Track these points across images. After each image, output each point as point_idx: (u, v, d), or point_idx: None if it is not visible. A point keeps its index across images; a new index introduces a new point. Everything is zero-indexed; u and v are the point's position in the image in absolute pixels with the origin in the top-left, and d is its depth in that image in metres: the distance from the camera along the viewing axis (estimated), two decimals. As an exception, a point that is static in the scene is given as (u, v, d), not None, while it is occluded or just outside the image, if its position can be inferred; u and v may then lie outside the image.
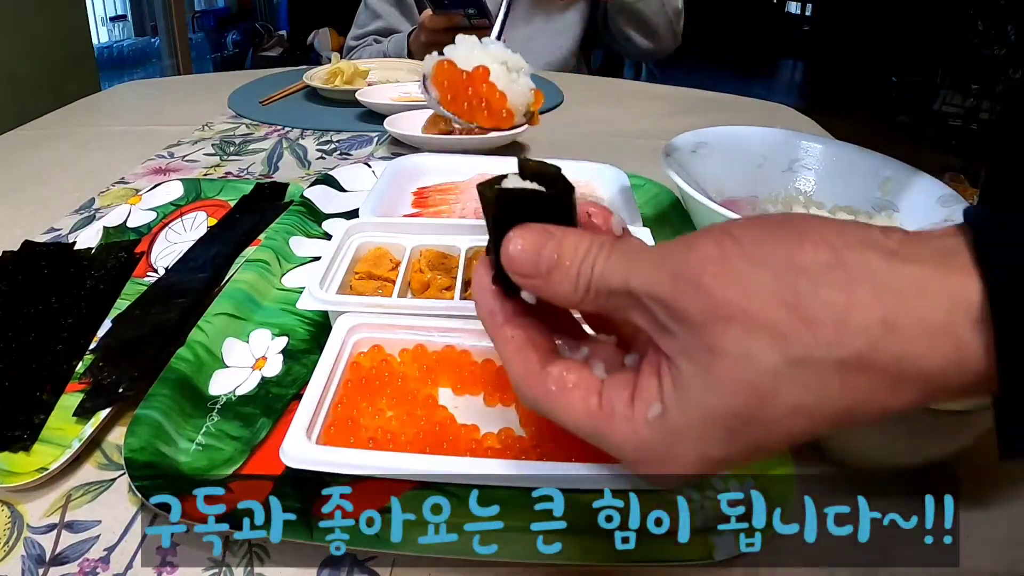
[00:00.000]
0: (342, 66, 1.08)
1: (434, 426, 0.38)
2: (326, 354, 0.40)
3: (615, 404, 0.25)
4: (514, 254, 0.25)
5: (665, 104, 1.09)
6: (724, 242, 0.22)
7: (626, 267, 0.24)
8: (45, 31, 1.73)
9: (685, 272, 0.22)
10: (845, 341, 0.20)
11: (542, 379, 0.26)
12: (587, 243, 0.25)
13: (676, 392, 0.23)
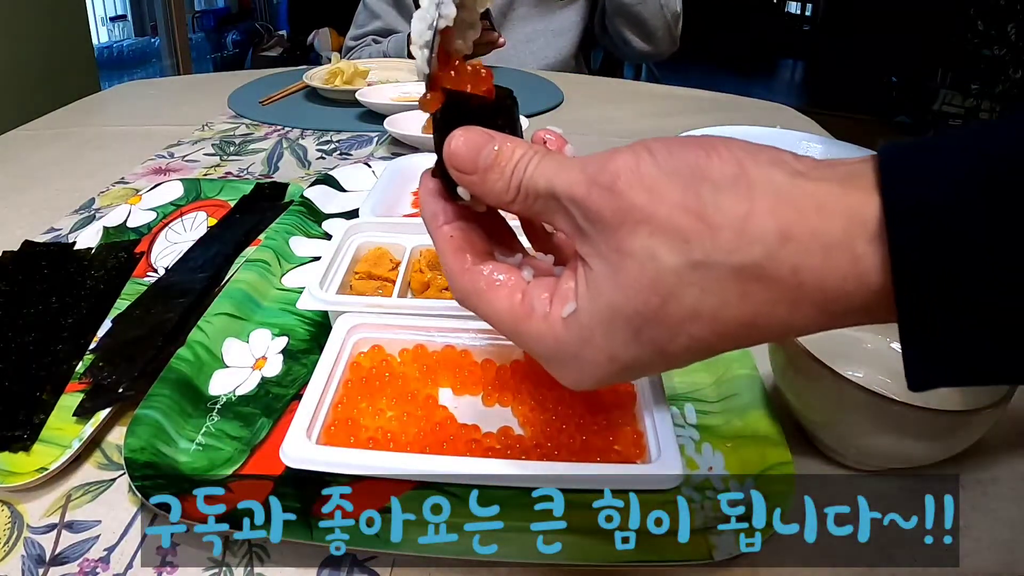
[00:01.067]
0: (342, 66, 1.08)
1: (434, 426, 0.38)
2: (326, 354, 0.40)
3: (535, 303, 0.26)
4: (455, 149, 0.26)
5: (665, 104, 1.09)
6: (640, 153, 0.23)
7: (553, 171, 0.25)
8: (45, 31, 1.73)
9: (602, 177, 0.23)
10: (743, 248, 0.21)
11: (473, 275, 0.27)
12: (524, 148, 0.26)
13: (588, 291, 0.24)
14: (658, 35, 1.28)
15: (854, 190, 0.21)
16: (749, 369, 0.42)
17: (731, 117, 0.93)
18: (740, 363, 0.42)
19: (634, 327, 0.24)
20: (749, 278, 0.22)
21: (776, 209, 0.21)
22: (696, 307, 0.22)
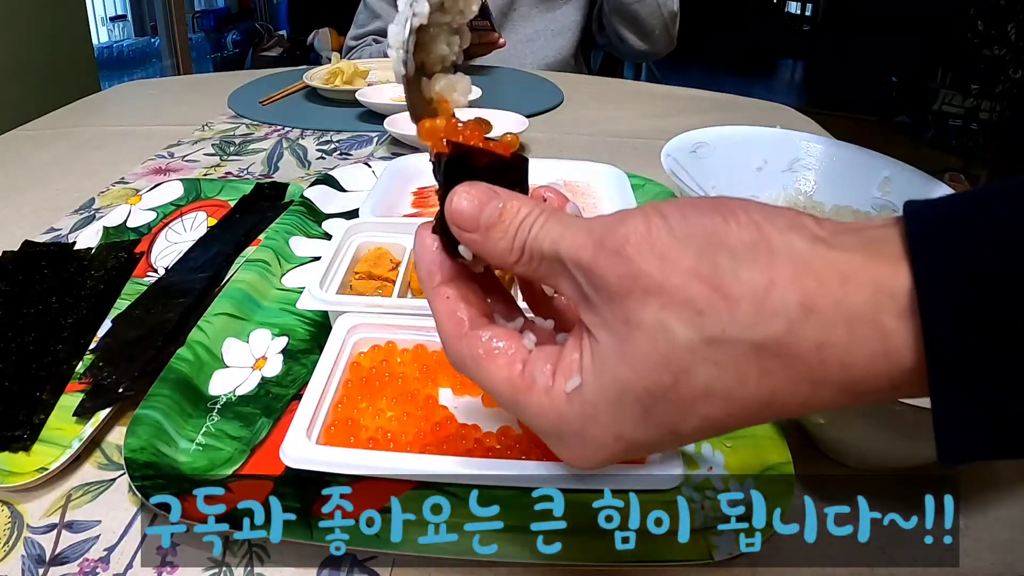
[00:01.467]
0: (342, 66, 1.08)
1: (434, 426, 0.37)
2: (326, 354, 0.40)
3: (536, 374, 0.25)
4: (458, 206, 0.25)
5: (665, 104, 1.09)
6: (652, 217, 0.22)
7: (559, 232, 0.24)
8: (45, 31, 1.73)
9: (610, 241, 0.22)
10: (763, 322, 0.20)
11: (470, 340, 0.26)
12: (529, 207, 0.25)
13: (594, 365, 0.23)
14: (655, 34, 1.28)
15: (880, 259, 0.19)
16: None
17: (731, 117, 0.93)
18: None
19: (643, 406, 0.22)
20: (769, 354, 0.20)
21: (798, 279, 0.20)
22: (710, 385, 0.21)
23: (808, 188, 0.65)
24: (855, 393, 0.20)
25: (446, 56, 0.31)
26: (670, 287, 0.21)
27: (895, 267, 0.19)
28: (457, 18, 0.31)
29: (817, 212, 0.60)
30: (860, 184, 0.62)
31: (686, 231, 0.21)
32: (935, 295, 0.18)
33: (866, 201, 0.61)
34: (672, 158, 0.60)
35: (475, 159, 0.27)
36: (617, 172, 0.66)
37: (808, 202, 0.62)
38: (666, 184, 0.68)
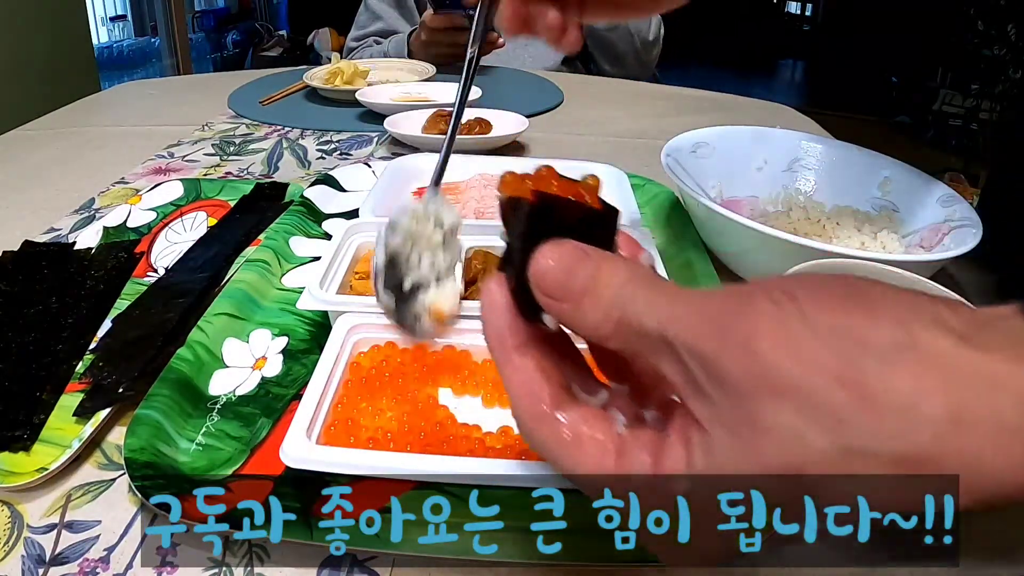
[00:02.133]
0: (342, 66, 1.08)
1: (434, 426, 0.37)
2: (326, 354, 0.40)
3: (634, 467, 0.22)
4: (546, 270, 0.22)
5: (665, 104, 1.09)
6: (784, 304, 0.19)
7: (667, 308, 0.21)
8: (45, 31, 1.73)
9: (735, 330, 0.19)
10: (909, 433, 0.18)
11: (553, 424, 0.23)
12: (626, 272, 0.22)
13: (707, 467, 0.21)
14: (627, 60, 1.30)
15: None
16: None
17: (731, 117, 0.93)
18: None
19: None
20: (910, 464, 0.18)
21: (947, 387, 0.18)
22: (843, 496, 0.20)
23: (808, 188, 0.65)
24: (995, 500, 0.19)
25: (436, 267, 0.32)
26: (808, 390, 0.18)
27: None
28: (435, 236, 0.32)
29: (817, 212, 0.60)
30: (860, 184, 0.62)
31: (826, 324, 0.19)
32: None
33: (866, 201, 0.61)
34: (672, 158, 0.60)
35: (564, 212, 0.24)
36: (617, 172, 0.66)
37: (808, 202, 0.62)
38: (666, 184, 0.68)
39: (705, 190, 0.63)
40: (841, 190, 0.62)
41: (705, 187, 0.63)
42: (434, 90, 1.03)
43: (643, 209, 0.63)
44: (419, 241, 0.33)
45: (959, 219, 0.52)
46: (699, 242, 0.57)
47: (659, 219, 0.64)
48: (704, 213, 0.53)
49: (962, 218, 0.52)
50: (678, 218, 0.62)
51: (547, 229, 0.23)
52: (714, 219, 0.52)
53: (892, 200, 0.60)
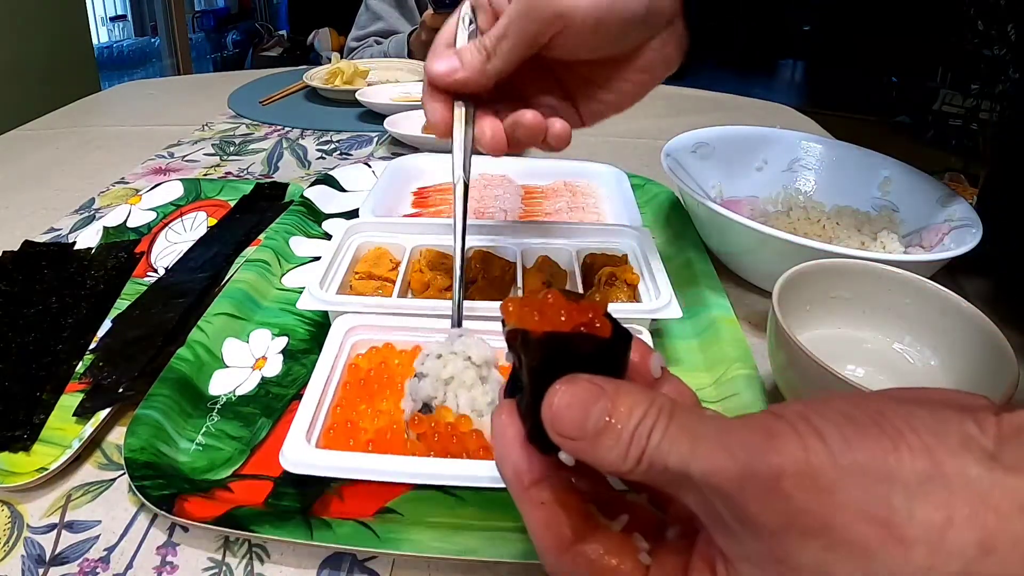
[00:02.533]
0: (342, 66, 1.08)
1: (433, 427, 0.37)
2: (324, 356, 0.40)
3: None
4: (559, 411, 0.22)
5: (665, 104, 1.09)
6: (809, 441, 0.19)
7: (689, 445, 0.21)
8: (45, 31, 1.73)
9: (760, 471, 0.19)
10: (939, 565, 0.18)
11: (575, 557, 0.22)
12: (644, 406, 0.21)
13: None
14: None
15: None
16: (749, 369, 0.42)
17: (731, 117, 0.93)
18: (740, 363, 0.42)
19: None
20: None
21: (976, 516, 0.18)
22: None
23: (808, 188, 0.65)
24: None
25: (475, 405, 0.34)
26: (837, 528, 0.19)
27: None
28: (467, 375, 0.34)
29: (817, 212, 0.60)
30: (860, 184, 0.62)
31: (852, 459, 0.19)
32: None
33: (866, 201, 0.61)
34: (672, 158, 0.60)
35: (575, 346, 0.23)
36: (617, 172, 0.66)
37: (808, 202, 0.62)
38: (666, 184, 0.68)
39: (705, 190, 0.63)
40: (841, 190, 0.62)
41: (705, 187, 0.63)
42: (434, 90, 1.03)
43: (643, 209, 0.63)
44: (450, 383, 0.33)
45: (959, 219, 0.52)
46: (699, 242, 0.57)
47: (659, 219, 0.64)
48: (704, 213, 0.53)
49: (962, 218, 0.52)
50: (678, 218, 0.62)
51: (559, 365, 0.22)
52: (714, 219, 0.52)
53: (892, 200, 0.60)
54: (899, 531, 0.18)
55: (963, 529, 0.18)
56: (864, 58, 3.59)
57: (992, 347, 0.37)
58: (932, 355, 0.41)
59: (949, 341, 0.40)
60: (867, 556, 0.18)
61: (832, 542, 0.19)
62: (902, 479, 0.19)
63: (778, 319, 0.37)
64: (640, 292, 0.48)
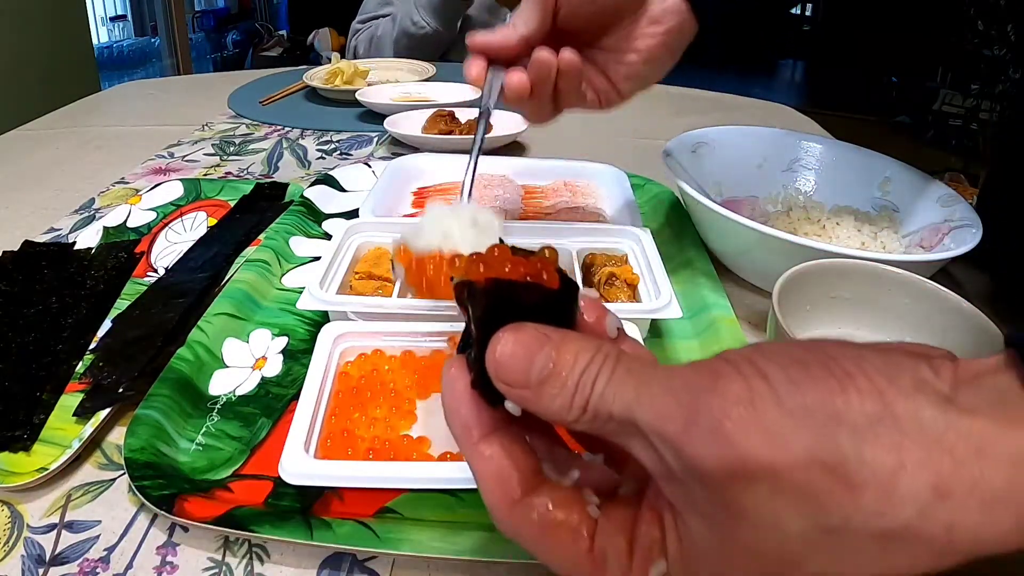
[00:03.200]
0: (342, 66, 1.09)
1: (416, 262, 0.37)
2: (314, 366, 0.39)
3: (609, 552, 0.21)
4: (502, 358, 0.21)
5: (665, 104, 1.09)
6: (753, 380, 0.19)
7: (633, 392, 0.20)
8: (45, 31, 1.73)
9: (704, 413, 0.19)
10: (891, 510, 0.18)
11: (524, 510, 0.22)
12: (589, 353, 0.21)
13: (682, 551, 0.20)
14: None
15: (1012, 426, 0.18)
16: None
17: (731, 117, 0.93)
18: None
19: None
20: (894, 540, 0.18)
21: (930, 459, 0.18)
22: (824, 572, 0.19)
23: (808, 188, 0.65)
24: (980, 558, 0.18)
25: None
26: (782, 472, 0.18)
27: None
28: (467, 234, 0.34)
29: (817, 212, 0.60)
30: (860, 184, 0.62)
31: (798, 401, 0.18)
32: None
33: (866, 201, 0.61)
34: (672, 158, 0.60)
35: (520, 295, 0.23)
36: (617, 172, 0.66)
37: (808, 202, 0.62)
38: (666, 184, 0.68)
39: (705, 190, 0.63)
40: (841, 190, 0.62)
41: (705, 187, 0.63)
42: (434, 90, 1.03)
43: (643, 209, 0.63)
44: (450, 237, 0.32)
45: (959, 219, 0.52)
46: (699, 242, 0.57)
47: (659, 219, 0.64)
48: (704, 213, 0.53)
49: (962, 218, 0.52)
50: (678, 218, 0.62)
51: (504, 314, 0.22)
52: (714, 219, 0.52)
53: (892, 200, 0.60)
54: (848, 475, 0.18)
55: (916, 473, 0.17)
56: (864, 58, 3.59)
57: (992, 347, 0.36)
58: (932, 355, 0.41)
59: (949, 341, 0.40)
60: (815, 502, 0.18)
61: (778, 487, 0.18)
62: (850, 421, 0.18)
63: (778, 319, 0.37)
64: (640, 292, 0.48)
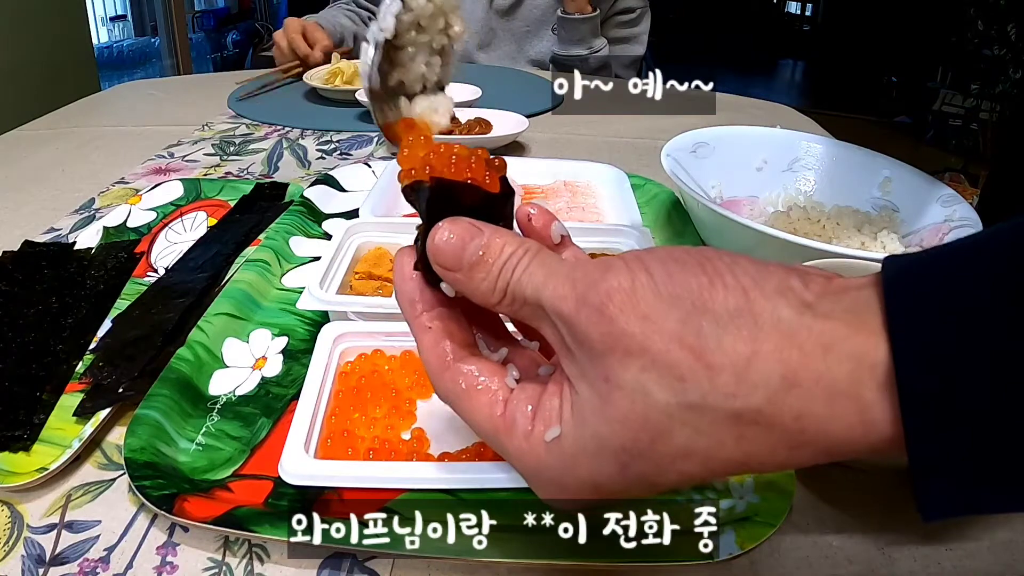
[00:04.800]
0: (342, 66, 1.08)
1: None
2: (314, 365, 0.40)
3: (517, 416, 0.25)
4: (439, 244, 0.25)
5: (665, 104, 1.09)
6: (637, 273, 0.22)
7: (542, 279, 0.23)
8: (45, 31, 1.73)
9: (592, 297, 0.22)
10: (743, 393, 0.20)
11: (454, 374, 0.26)
12: (513, 246, 0.24)
13: (573, 418, 0.23)
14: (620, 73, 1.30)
15: (862, 330, 0.19)
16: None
17: (731, 117, 0.93)
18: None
19: (620, 462, 0.22)
20: (747, 422, 0.20)
21: (781, 351, 0.20)
22: (688, 446, 0.21)
23: (808, 188, 0.65)
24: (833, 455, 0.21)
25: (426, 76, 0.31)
26: (652, 350, 0.21)
27: (876, 338, 0.19)
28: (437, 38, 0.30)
29: (817, 212, 0.60)
30: (860, 184, 0.62)
31: (671, 291, 0.21)
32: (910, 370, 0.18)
33: (866, 201, 0.61)
34: (672, 158, 0.60)
35: (459, 195, 0.26)
36: (617, 172, 0.66)
37: (808, 202, 0.62)
38: (666, 184, 0.68)
39: (705, 190, 0.63)
40: (841, 190, 0.62)
41: (705, 187, 0.63)
42: (434, 90, 1.03)
43: (643, 209, 0.63)
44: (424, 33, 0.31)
45: (959, 219, 0.52)
46: (699, 242, 0.57)
47: (659, 219, 0.64)
48: (704, 213, 0.53)
49: (962, 218, 0.52)
50: (678, 218, 0.62)
51: (445, 210, 0.25)
52: (714, 219, 0.52)
53: (892, 200, 0.60)
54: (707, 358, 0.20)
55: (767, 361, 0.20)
56: (864, 58, 3.59)
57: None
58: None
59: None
60: (679, 379, 0.20)
61: (649, 363, 0.21)
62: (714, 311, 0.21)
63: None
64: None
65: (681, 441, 0.21)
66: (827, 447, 0.20)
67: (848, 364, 0.19)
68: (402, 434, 0.38)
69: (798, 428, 0.20)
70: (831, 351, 0.19)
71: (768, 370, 0.20)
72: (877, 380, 0.19)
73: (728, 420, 0.20)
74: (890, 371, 0.19)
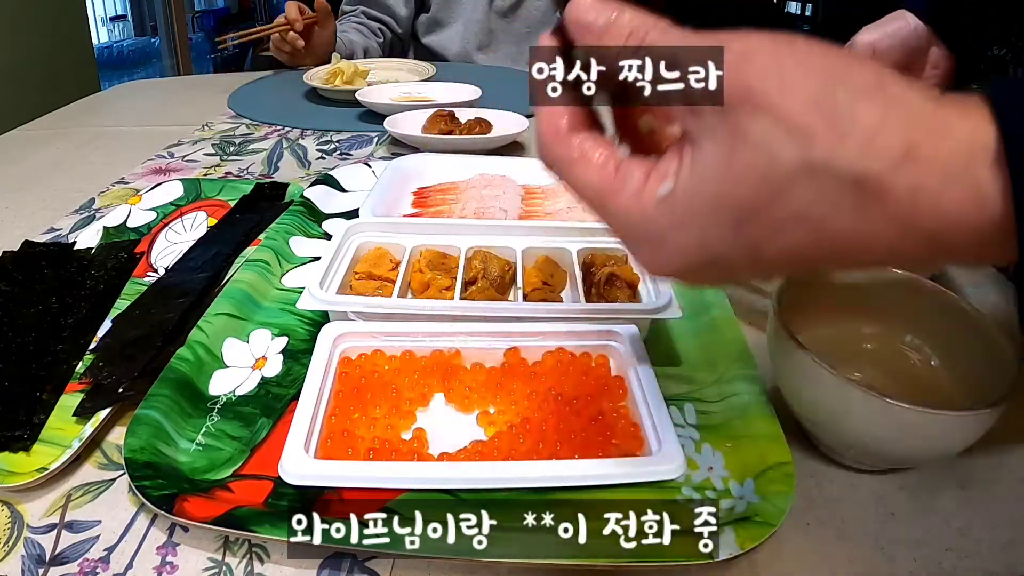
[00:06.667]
0: (342, 66, 1.08)
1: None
2: (314, 366, 0.40)
3: (627, 178, 0.24)
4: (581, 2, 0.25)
5: (665, 104, 1.09)
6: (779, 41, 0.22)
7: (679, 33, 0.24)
8: (45, 31, 1.73)
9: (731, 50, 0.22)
10: (867, 158, 0.20)
11: (566, 142, 0.26)
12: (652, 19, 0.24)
13: (692, 172, 0.23)
14: None
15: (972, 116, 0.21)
16: (749, 369, 0.42)
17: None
18: (740, 363, 0.42)
19: (735, 218, 0.22)
20: (866, 190, 0.21)
21: (907, 126, 0.21)
22: (805, 210, 0.21)
23: (808, 188, 0.64)
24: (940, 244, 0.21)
25: None
26: (786, 108, 0.21)
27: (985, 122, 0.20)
28: None
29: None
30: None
31: (810, 61, 0.22)
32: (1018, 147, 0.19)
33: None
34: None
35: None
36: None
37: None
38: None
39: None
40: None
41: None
42: (434, 90, 1.03)
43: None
44: None
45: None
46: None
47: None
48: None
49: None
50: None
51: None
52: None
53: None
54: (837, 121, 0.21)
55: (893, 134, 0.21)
56: (864, 58, 3.59)
57: (991, 347, 0.37)
58: (932, 355, 0.41)
59: (949, 341, 0.40)
60: (807, 137, 0.21)
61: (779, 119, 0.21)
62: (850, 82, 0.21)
63: (778, 319, 0.37)
64: (640, 292, 0.48)
65: (799, 203, 0.21)
66: (937, 229, 0.21)
67: (964, 144, 0.20)
68: (402, 434, 0.38)
69: (912, 203, 0.20)
70: (951, 132, 0.20)
71: (892, 141, 0.20)
72: (990, 158, 0.20)
73: (848, 184, 0.21)
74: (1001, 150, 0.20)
